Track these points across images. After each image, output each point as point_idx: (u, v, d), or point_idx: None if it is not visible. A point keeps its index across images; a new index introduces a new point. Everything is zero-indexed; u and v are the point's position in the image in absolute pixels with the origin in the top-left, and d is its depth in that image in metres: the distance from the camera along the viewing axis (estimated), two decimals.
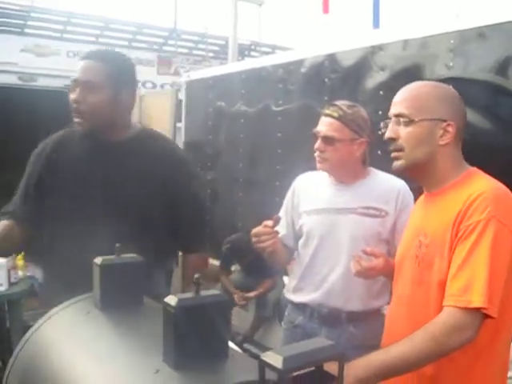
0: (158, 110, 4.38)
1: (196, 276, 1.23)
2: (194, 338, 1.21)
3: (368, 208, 2.63)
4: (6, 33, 20.03)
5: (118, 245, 1.48)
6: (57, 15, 20.47)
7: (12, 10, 19.67)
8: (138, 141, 2.22)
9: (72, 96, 2.15)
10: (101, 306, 1.52)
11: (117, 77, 2.11)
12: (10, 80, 3.98)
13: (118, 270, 1.51)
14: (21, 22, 20.36)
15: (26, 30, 20.67)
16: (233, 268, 5.76)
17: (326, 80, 4.75)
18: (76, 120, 2.17)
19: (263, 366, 0.99)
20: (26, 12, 19.82)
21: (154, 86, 20.31)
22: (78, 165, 2.20)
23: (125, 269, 1.52)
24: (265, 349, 1.43)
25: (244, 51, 21.51)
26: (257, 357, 1.02)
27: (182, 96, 6.32)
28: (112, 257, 1.52)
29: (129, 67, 2.23)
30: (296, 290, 2.80)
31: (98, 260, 1.50)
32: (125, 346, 1.40)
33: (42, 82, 4.18)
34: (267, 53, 21.35)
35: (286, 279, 4.84)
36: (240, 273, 5.70)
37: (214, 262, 5.79)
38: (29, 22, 20.47)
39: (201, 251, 2.56)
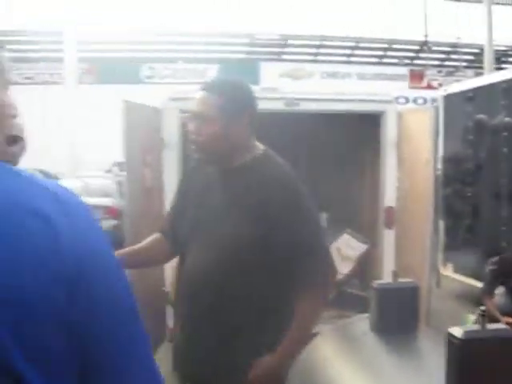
0: (416, 126, 4.32)
1: (481, 308, 1.18)
2: (480, 371, 1.16)
3: None
4: (267, 60, 21.69)
5: (393, 270, 1.49)
6: (310, 40, 21.58)
7: (271, 39, 21.25)
8: (247, 167, 2.19)
9: (189, 127, 2.24)
10: (376, 328, 1.53)
11: (229, 108, 2.12)
12: (277, 106, 4.26)
13: (395, 294, 1.51)
14: (279, 49, 21.89)
15: (284, 56, 22.14)
16: (496, 291, 5.39)
17: None
18: (194, 149, 2.27)
19: None
20: (284, 39, 21.23)
21: (407, 100, 20.17)
22: (197, 192, 2.30)
23: (401, 293, 1.52)
24: None
25: (500, 58, 20.25)
26: None
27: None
28: (389, 281, 1.53)
29: (243, 96, 2.21)
30: None
31: (375, 283, 1.51)
32: (403, 372, 1.40)
33: (303, 106, 4.39)
34: None
35: None
36: (505, 296, 5.31)
37: (477, 284, 5.49)
38: (285, 49, 21.90)
39: (309, 290, 2.03)
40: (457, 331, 1.17)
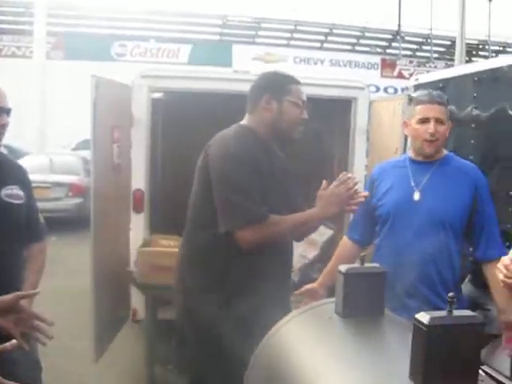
0: (387, 115, 4.31)
1: (450, 295, 1.17)
2: (445, 358, 1.15)
3: None
4: (240, 43, 21.49)
5: (363, 254, 1.47)
6: (284, 24, 21.46)
7: (244, 22, 21.06)
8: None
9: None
10: (342, 312, 1.52)
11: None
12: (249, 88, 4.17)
13: (362, 278, 1.50)
14: (253, 32, 21.71)
15: (257, 40, 21.98)
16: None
17: None
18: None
19: None
20: (257, 23, 21.07)
21: (378, 89, 20.24)
22: None
23: (368, 278, 1.51)
24: None
25: (471, 51, 20.45)
26: None
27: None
28: (356, 265, 1.51)
29: None
30: None
31: (343, 268, 1.50)
32: (368, 356, 1.39)
33: None
34: (497, 52, 20.04)
35: None
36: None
37: None
38: (259, 32, 21.74)
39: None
40: (423, 316, 1.16)
